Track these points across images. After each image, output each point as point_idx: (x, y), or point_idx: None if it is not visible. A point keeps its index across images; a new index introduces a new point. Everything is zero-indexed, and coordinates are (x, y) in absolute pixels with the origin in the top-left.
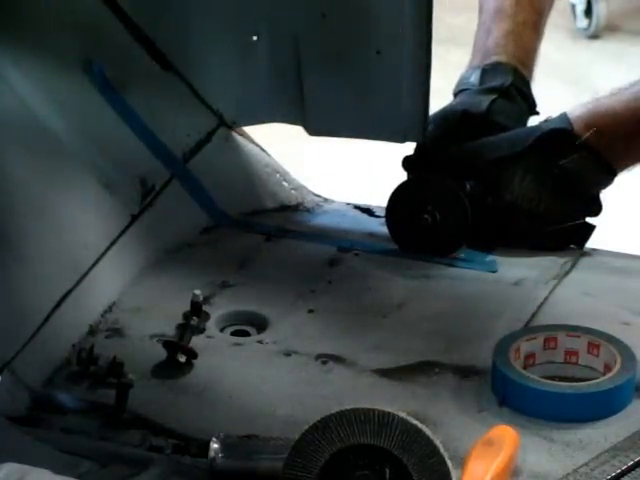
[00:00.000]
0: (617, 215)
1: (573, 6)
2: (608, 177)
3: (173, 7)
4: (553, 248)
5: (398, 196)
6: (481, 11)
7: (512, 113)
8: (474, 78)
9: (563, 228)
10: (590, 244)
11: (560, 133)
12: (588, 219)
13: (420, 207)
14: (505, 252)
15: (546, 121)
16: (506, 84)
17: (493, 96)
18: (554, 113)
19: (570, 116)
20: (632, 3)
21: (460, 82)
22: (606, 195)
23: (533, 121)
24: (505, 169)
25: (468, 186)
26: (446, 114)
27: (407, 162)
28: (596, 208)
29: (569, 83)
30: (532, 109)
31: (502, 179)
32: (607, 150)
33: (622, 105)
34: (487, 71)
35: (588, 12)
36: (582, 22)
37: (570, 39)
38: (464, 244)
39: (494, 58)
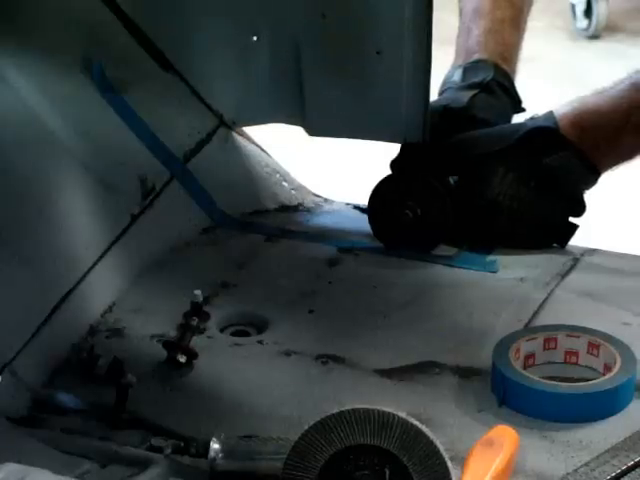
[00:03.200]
0: (616, 215)
1: (573, 6)
2: (592, 176)
3: (173, 7)
4: (534, 247)
5: (379, 191)
6: (461, 13)
7: (494, 107)
8: (456, 76)
9: (545, 227)
10: (590, 244)
11: (545, 131)
12: (571, 219)
13: (401, 202)
14: (505, 252)
15: (532, 119)
16: (487, 79)
17: (474, 91)
18: None
19: (556, 114)
20: (632, 3)
21: (444, 82)
22: (606, 195)
23: (520, 118)
24: (488, 165)
25: (452, 182)
26: (431, 111)
27: (393, 162)
28: (579, 208)
29: (569, 83)
30: (517, 104)
31: (484, 175)
32: (591, 149)
33: (607, 104)
34: (468, 69)
35: (588, 12)
36: (582, 22)
37: (570, 39)
38: (446, 240)
39: (475, 56)
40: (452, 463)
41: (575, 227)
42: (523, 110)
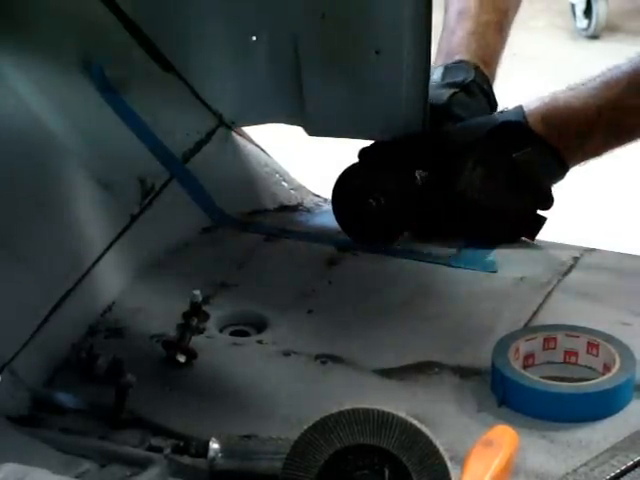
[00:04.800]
0: (616, 215)
1: (573, 6)
2: (560, 171)
3: (173, 7)
4: (503, 240)
5: (345, 179)
6: (446, 12)
7: (472, 108)
8: (436, 75)
9: (513, 220)
10: (590, 244)
11: (513, 126)
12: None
13: (366, 191)
14: (505, 252)
15: (501, 112)
16: (467, 80)
17: (454, 90)
18: None
19: (526, 109)
20: (632, 3)
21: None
22: (606, 195)
23: None
24: (456, 159)
25: (418, 175)
26: None
27: (362, 151)
28: (547, 202)
29: (569, 83)
30: (493, 108)
31: (452, 169)
32: (561, 145)
33: (579, 101)
34: (449, 68)
35: (588, 12)
36: (582, 22)
37: (570, 39)
38: (409, 231)
39: (457, 57)
40: (451, 463)
41: (544, 220)
42: None
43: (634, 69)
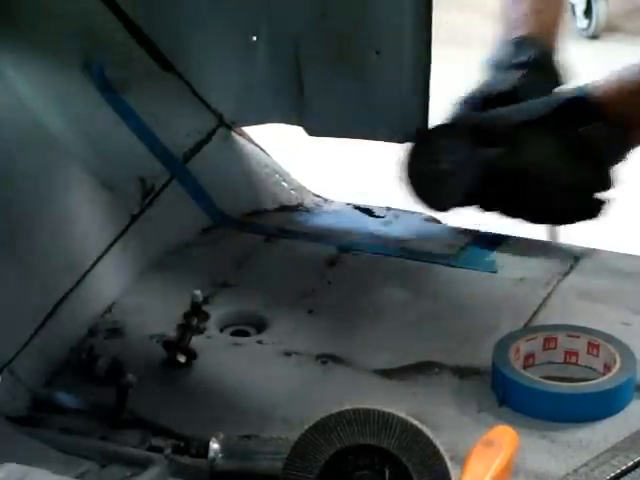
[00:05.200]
0: (616, 215)
1: (573, 6)
2: (624, 150)
3: (173, 7)
4: (562, 220)
5: (417, 147)
6: None
7: (540, 89)
8: (503, 53)
9: (574, 198)
10: (590, 244)
11: (579, 101)
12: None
13: (435, 156)
14: (505, 252)
15: (564, 91)
16: (532, 58)
17: (521, 72)
18: None
19: (590, 87)
20: (632, 3)
21: (490, 57)
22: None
23: None
24: (520, 135)
25: (482, 152)
26: (473, 95)
27: (420, 131)
28: (608, 181)
29: (569, 83)
30: (562, 80)
31: (516, 145)
32: (626, 123)
33: None
34: (515, 44)
35: (588, 12)
36: (582, 22)
37: (570, 39)
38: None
39: (520, 32)
40: (452, 463)
41: (606, 202)
42: None
43: None
